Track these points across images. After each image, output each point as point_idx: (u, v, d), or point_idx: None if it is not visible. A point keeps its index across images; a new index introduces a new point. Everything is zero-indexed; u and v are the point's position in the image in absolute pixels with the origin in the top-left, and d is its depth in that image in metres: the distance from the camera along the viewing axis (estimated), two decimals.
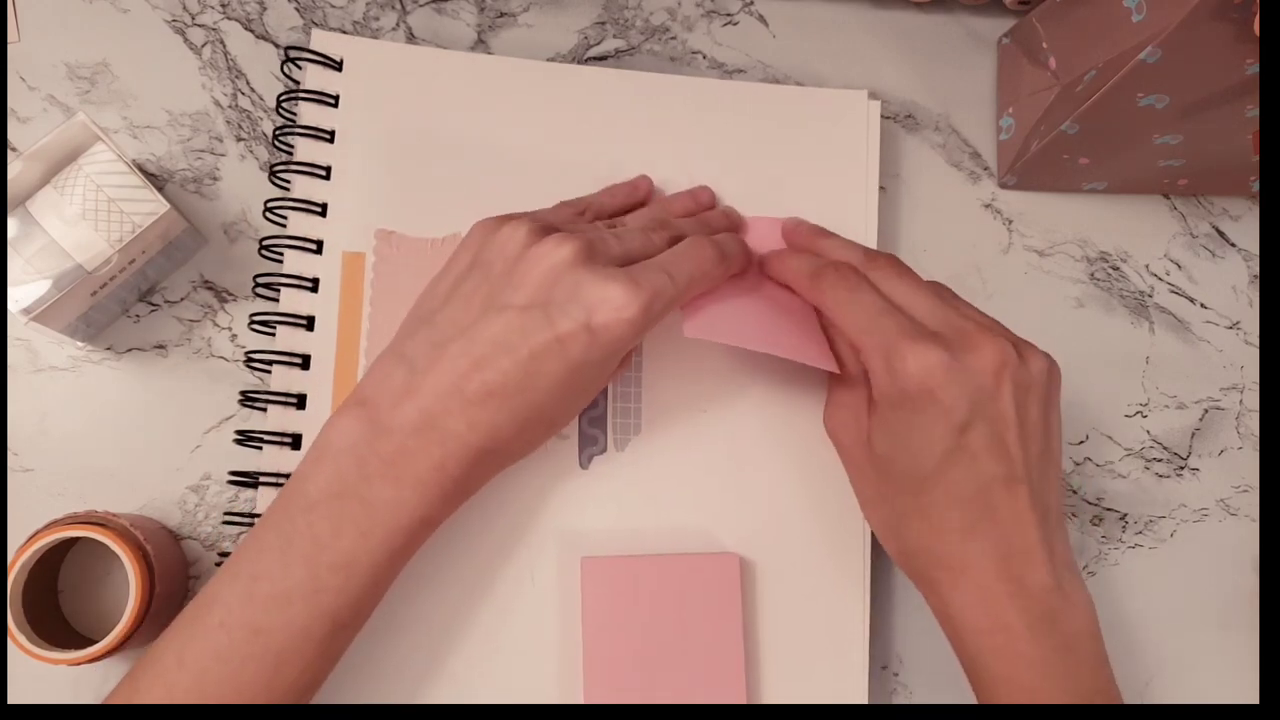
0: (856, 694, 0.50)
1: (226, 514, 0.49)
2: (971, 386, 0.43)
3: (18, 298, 0.46)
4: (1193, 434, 0.57)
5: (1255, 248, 0.58)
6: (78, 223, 0.47)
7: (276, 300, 0.50)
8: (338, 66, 0.52)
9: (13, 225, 0.47)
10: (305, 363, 0.49)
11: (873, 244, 0.53)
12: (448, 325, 0.44)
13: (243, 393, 0.49)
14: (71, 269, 0.47)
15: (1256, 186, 0.57)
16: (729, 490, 0.51)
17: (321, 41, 0.52)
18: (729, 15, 0.57)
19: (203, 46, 0.54)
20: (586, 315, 0.42)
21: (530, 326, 0.42)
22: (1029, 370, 0.44)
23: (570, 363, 0.42)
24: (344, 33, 0.54)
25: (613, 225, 0.48)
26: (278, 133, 0.51)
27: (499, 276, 0.44)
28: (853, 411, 0.47)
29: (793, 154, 0.53)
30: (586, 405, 0.48)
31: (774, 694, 0.49)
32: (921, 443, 0.43)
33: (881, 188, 0.56)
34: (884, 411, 0.45)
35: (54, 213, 0.47)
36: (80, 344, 0.52)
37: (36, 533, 0.45)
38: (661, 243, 0.47)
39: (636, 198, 0.52)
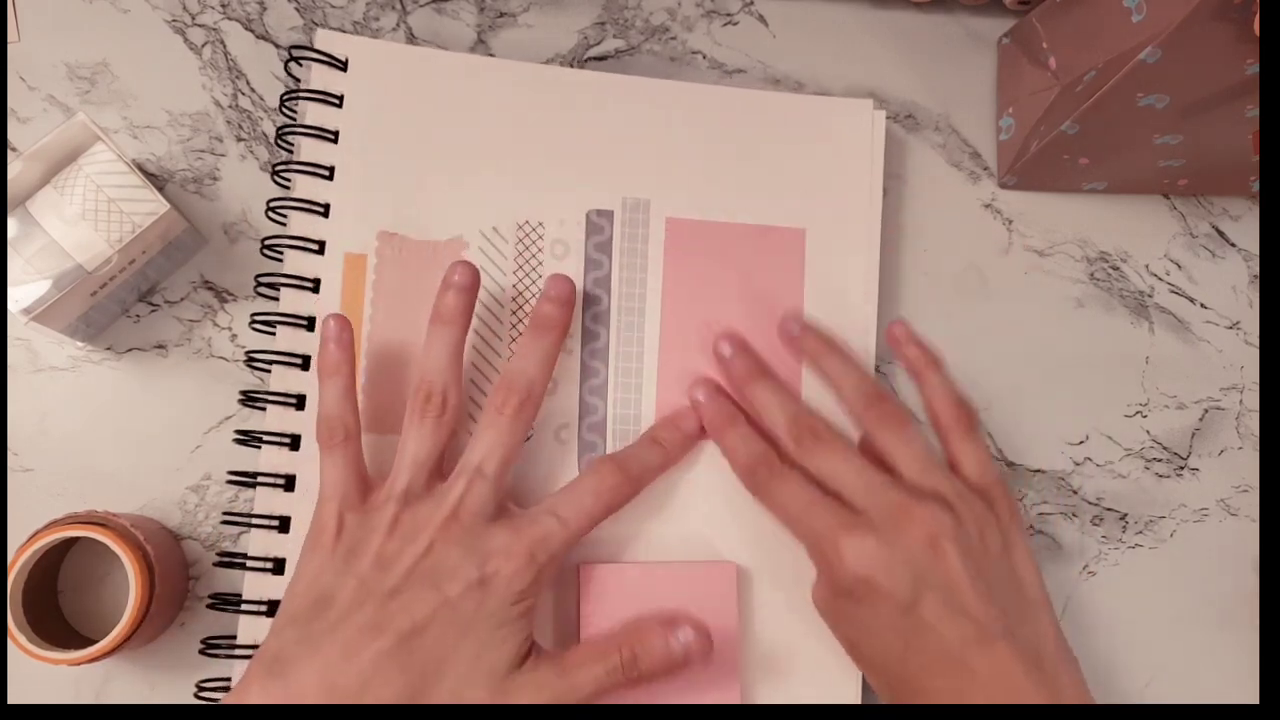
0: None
1: (226, 514, 0.49)
2: (911, 565, 0.42)
3: (18, 298, 0.46)
4: (1193, 434, 0.57)
5: (1255, 248, 0.58)
6: (78, 223, 0.47)
7: (277, 300, 0.50)
8: (343, 66, 0.51)
9: (13, 225, 0.47)
10: (305, 363, 0.49)
11: (875, 250, 0.53)
12: (320, 627, 0.41)
13: (242, 392, 0.49)
14: (71, 269, 0.47)
15: (1256, 186, 0.57)
16: (726, 497, 0.50)
17: (326, 41, 0.52)
18: (729, 15, 0.57)
19: (203, 46, 0.54)
20: (478, 569, 0.42)
21: (414, 602, 0.41)
22: (968, 529, 0.43)
23: (462, 623, 0.41)
24: (346, 33, 0.54)
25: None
26: (280, 132, 0.51)
27: (371, 563, 0.42)
28: (825, 593, 0.46)
29: (795, 163, 0.53)
30: (506, 671, 0.42)
31: (769, 702, 0.49)
32: (877, 628, 0.43)
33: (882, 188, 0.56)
34: (835, 602, 0.45)
35: (54, 213, 0.47)
36: (80, 344, 0.52)
37: (36, 533, 0.45)
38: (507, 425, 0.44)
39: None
